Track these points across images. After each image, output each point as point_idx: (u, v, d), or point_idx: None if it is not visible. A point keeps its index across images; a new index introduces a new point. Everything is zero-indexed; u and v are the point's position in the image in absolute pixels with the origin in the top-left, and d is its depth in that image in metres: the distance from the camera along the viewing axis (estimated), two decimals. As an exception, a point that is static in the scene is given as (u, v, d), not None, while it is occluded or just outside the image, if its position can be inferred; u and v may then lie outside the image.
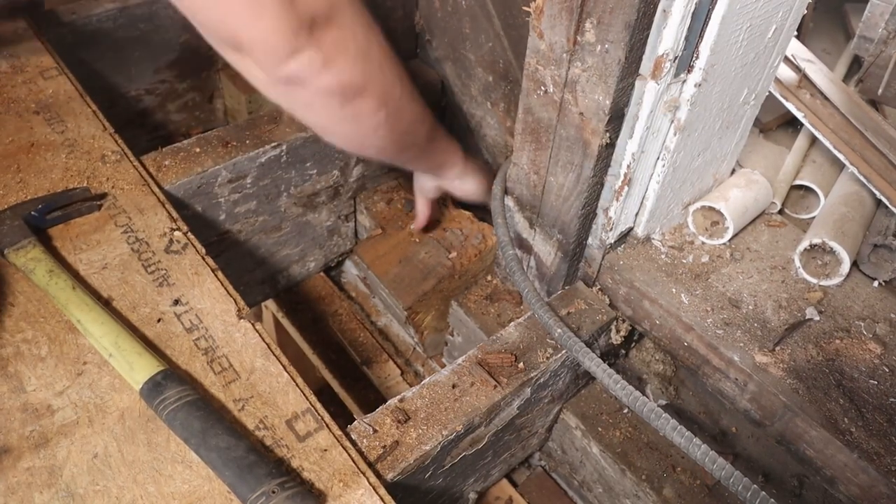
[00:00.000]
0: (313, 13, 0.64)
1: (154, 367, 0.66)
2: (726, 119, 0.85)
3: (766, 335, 0.82)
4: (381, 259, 1.18)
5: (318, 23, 0.65)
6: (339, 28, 0.67)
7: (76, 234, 0.80)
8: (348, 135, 0.77)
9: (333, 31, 0.66)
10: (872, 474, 0.70)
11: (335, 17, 0.66)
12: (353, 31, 0.69)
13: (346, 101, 0.71)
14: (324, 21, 0.65)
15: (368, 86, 0.72)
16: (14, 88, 0.97)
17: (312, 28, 0.64)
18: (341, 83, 0.69)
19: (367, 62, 0.71)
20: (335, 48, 0.67)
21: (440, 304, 1.17)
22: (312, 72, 0.67)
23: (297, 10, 0.63)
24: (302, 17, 0.63)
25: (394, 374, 1.21)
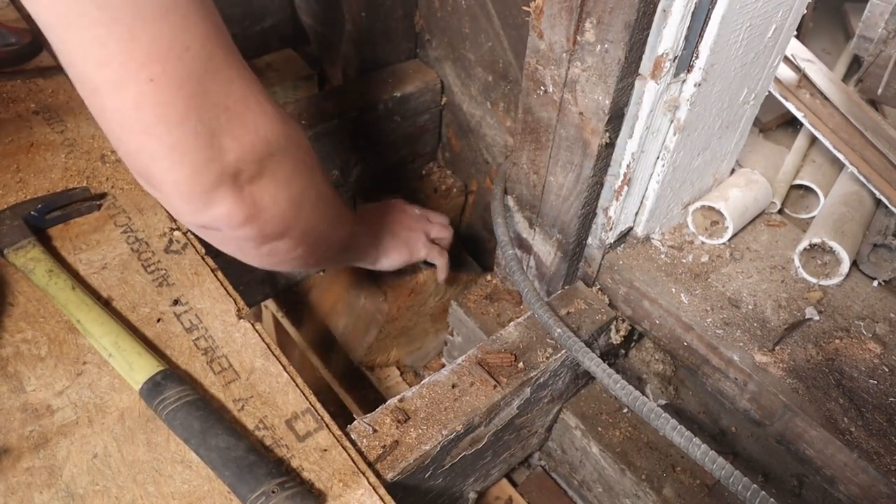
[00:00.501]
0: (240, 167, 0.56)
1: (154, 367, 0.66)
2: (726, 119, 0.85)
3: (765, 335, 0.82)
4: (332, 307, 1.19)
5: (246, 177, 0.57)
6: (272, 180, 0.60)
7: (76, 233, 0.80)
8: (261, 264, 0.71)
9: (262, 184, 0.59)
10: (872, 474, 0.71)
11: (268, 170, 0.59)
12: (287, 181, 0.62)
13: (263, 244, 0.65)
14: (254, 175, 0.58)
15: (289, 231, 0.66)
16: (14, 88, 0.97)
17: (236, 180, 0.57)
18: (262, 234, 0.63)
19: (297, 212, 0.65)
20: (260, 204, 0.60)
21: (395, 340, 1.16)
22: (230, 225, 0.60)
23: (222, 161, 0.55)
24: (227, 169, 0.55)
25: (393, 374, 1.21)
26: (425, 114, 1.23)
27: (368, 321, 1.12)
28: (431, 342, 1.23)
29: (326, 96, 1.12)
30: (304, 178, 0.64)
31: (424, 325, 1.19)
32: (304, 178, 0.64)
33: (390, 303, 1.09)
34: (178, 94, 0.50)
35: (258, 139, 0.57)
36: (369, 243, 0.93)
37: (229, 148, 0.55)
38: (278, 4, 1.32)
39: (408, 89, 1.16)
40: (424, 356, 1.24)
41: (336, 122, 1.10)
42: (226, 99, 0.54)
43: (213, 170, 0.54)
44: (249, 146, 0.56)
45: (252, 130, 0.56)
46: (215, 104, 0.53)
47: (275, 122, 0.59)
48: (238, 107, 0.55)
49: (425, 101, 1.20)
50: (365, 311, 1.12)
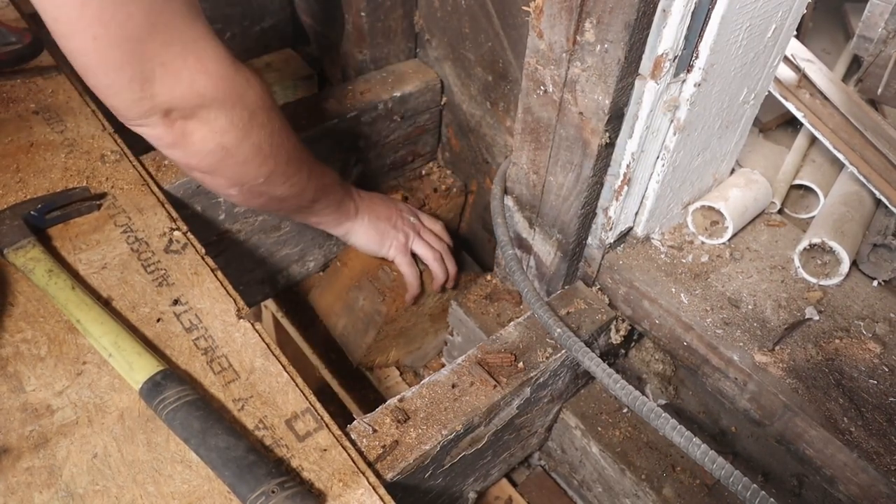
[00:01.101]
0: (171, 107, 0.67)
1: (153, 366, 0.66)
2: (726, 119, 0.85)
3: (765, 335, 0.82)
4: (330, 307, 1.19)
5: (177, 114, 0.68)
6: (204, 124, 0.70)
7: (76, 233, 0.80)
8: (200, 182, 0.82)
9: (192, 124, 0.70)
10: (872, 474, 0.71)
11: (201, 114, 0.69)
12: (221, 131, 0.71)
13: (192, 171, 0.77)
14: (185, 113, 0.69)
15: (219, 172, 0.75)
16: (13, 88, 0.97)
17: (167, 115, 0.68)
18: (186, 163, 0.74)
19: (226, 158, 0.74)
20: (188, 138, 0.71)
21: (394, 341, 1.16)
22: (158, 144, 0.72)
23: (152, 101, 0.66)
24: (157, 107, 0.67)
25: (393, 374, 1.21)
26: (425, 114, 1.23)
27: (367, 322, 1.12)
28: (431, 342, 1.23)
29: (326, 96, 1.12)
30: (239, 133, 0.73)
31: (424, 326, 1.19)
32: (239, 133, 0.73)
33: (388, 304, 1.08)
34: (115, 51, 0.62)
35: (190, 92, 0.67)
36: (341, 213, 0.99)
37: (160, 93, 0.66)
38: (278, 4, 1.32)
39: (408, 89, 1.16)
40: (424, 356, 1.24)
41: (336, 122, 1.10)
42: (162, 56, 0.64)
43: (143, 105, 0.66)
44: (180, 95, 0.67)
45: (186, 84, 0.67)
46: (150, 60, 0.64)
47: (214, 80, 0.68)
48: (175, 63, 0.65)
49: (425, 100, 1.20)
50: (364, 311, 1.12)
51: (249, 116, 0.73)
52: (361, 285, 1.12)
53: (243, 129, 0.73)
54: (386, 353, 1.17)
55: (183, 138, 0.70)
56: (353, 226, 1.01)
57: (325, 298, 1.21)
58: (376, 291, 1.10)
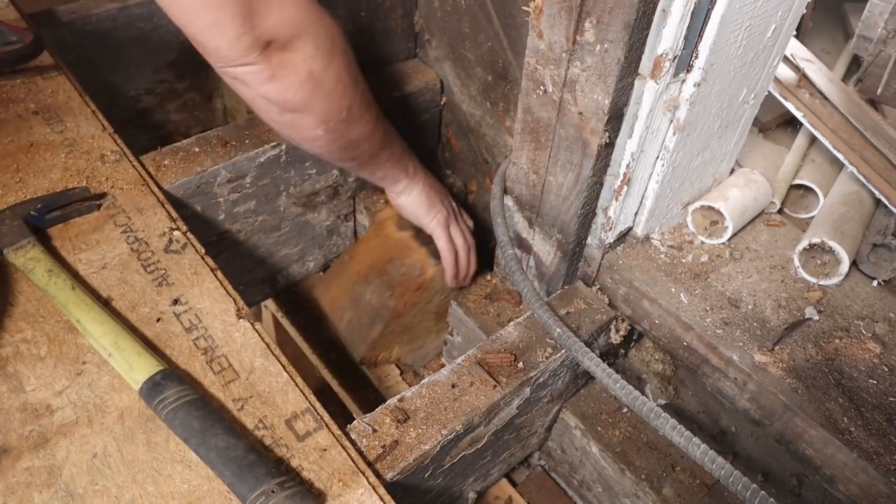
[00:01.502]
0: (272, 36, 0.70)
1: (153, 366, 0.66)
2: (725, 118, 0.85)
3: (765, 335, 0.82)
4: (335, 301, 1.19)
5: (274, 44, 0.71)
6: (295, 52, 0.73)
7: (75, 233, 0.80)
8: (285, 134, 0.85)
9: (288, 54, 0.73)
10: (872, 473, 0.71)
11: (293, 43, 0.72)
12: (309, 58, 0.74)
13: (285, 112, 0.78)
14: (281, 44, 0.72)
15: (310, 107, 0.78)
16: (13, 88, 0.97)
17: (267, 47, 0.71)
18: (282, 99, 0.76)
19: (315, 88, 0.76)
20: (284, 69, 0.73)
21: (399, 337, 1.16)
22: (257, 81, 0.74)
23: (255, 31, 0.69)
24: (259, 37, 0.69)
25: (393, 373, 1.21)
26: (425, 113, 1.23)
27: (373, 316, 1.12)
28: (433, 341, 1.23)
29: (326, 96, 1.12)
30: (324, 60, 0.76)
31: (428, 324, 1.18)
32: (324, 60, 0.76)
33: (397, 298, 1.08)
34: None
35: (283, 19, 0.71)
36: (402, 169, 1.00)
37: (259, 25, 0.69)
38: (278, 4, 1.32)
39: (408, 89, 1.16)
40: (425, 356, 1.24)
41: (336, 121, 1.09)
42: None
43: (245, 41, 0.69)
44: (275, 24, 0.70)
45: (278, 11, 0.70)
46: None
47: (302, 8, 0.72)
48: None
49: (425, 100, 1.20)
50: (371, 305, 1.12)
51: (331, 43, 0.77)
52: (370, 279, 1.12)
53: (328, 56, 0.76)
54: (389, 349, 1.17)
55: (279, 69, 0.73)
56: (410, 185, 1.02)
57: (330, 292, 1.20)
58: (385, 286, 1.10)
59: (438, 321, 1.18)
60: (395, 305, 1.08)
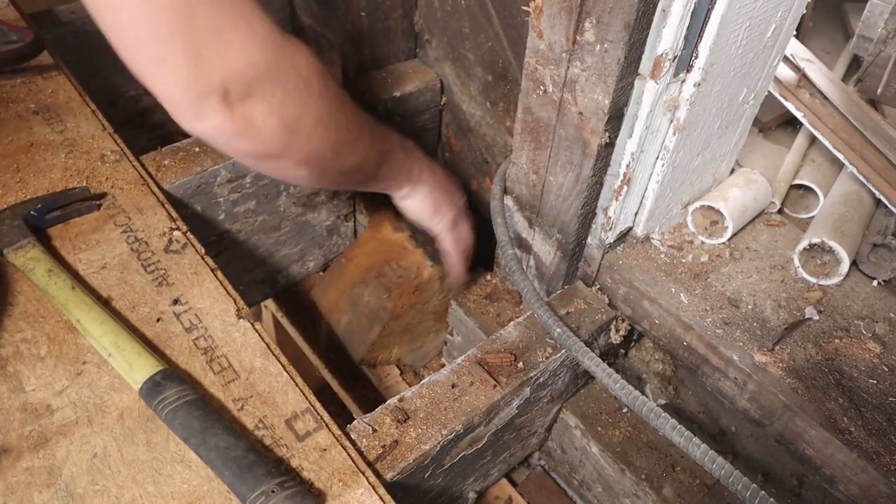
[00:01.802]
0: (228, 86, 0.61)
1: (153, 366, 0.66)
2: (725, 118, 0.85)
3: (765, 335, 0.82)
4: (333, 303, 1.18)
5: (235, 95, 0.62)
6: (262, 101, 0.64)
7: (75, 233, 0.80)
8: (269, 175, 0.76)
9: (252, 104, 0.64)
10: (872, 473, 0.71)
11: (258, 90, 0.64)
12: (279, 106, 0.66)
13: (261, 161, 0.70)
14: (243, 95, 0.63)
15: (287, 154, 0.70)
16: (13, 88, 0.97)
17: (226, 97, 0.62)
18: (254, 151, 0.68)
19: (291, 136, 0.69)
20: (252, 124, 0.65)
21: (397, 338, 1.16)
22: (222, 137, 0.66)
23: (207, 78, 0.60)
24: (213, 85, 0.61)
25: (393, 373, 1.21)
26: (425, 113, 1.23)
27: (372, 318, 1.12)
28: (433, 341, 1.23)
29: (326, 96, 1.12)
30: (299, 105, 0.67)
31: (427, 324, 1.18)
32: (299, 105, 0.67)
33: (395, 300, 1.08)
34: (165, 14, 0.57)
35: (244, 62, 0.61)
36: (404, 176, 0.94)
37: (215, 67, 0.60)
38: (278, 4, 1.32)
39: (407, 89, 1.16)
40: (425, 356, 1.24)
41: (336, 121, 1.09)
42: (213, 22, 0.59)
43: (199, 84, 0.60)
44: (235, 68, 0.61)
45: (239, 52, 0.61)
46: (202, 26, 0.58)
47: (266, 47, 0.63)
48: (226, 31, 0.60)
49: (425, 100, 1.20)
50: (369, 307, 1.12)
51: (305, 85, 0.68)
52: (367, 281, 1.12)
53: (302, 100, 0.68)
54: (388, 350, 1.17)
55: (246, 123, 0.65)
56: (413, 190, 0.97)
57: (328, 294, 1.20)
58: (382, 287, 1.10)
59: (437, 321, 1.18)
60: (393, 307, 1.08)
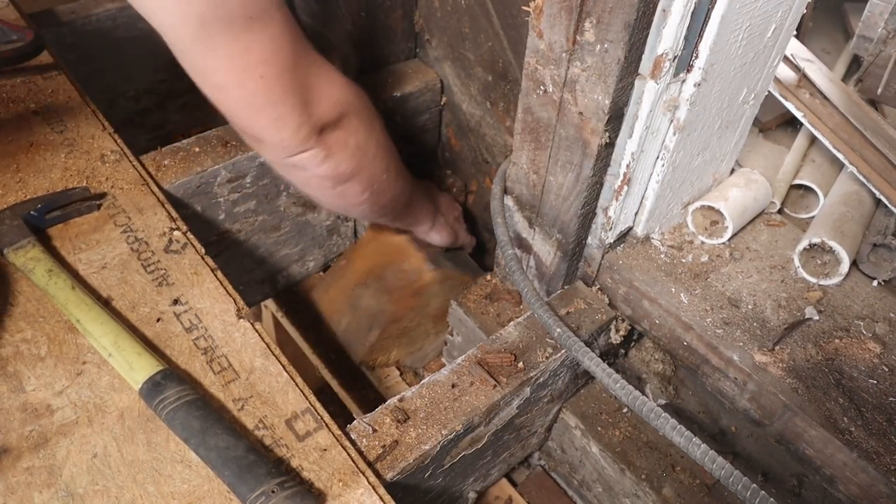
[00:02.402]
0: (325, 121, 0.77)
1: (153, 366, 0.66)
2: (726, 118, 0.85)
3: (765, 335, 0.82)
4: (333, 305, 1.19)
5: (327, 129, 0.78)
6: (343, 130, 0.80)
7: (75, 233, 0.80)
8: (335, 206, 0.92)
9: (338, 132, 0.79)
10: (872, 473, 0.71)
11: (342, 122, 0.79)
12: (355, 131, 0.82)
13: (337, 184, 0.84)
14: (332, 125, 0.78)
15: (358, 174, 0.84)
16: (13, 88, 0.97)
17: (321, 132, 0.77)
18: (336, 173, 0.82)
19: (362, 156, 0.84)
20: (336, 147, 0.80)
21: (396, 341, 1.16)
22: (314, 164, 0.80)
23: (312, 119, 0.75)
24: (315, 125, 0.76)
25: (393, 374, 1.21)
26: (425, 113, 1.23)
27: (371, 321, 1.12)
28: (432, 343, 1.23)
29: (326, 96, 1.12)
30: (366, 130, 0.84)
31: (426, 327, 1.18)
32: (366, 130, 0.84)
33: (395, 303, 1.08)
34: (278, 82, 0.71)
35: (334, 102, 0.78)
36: (427, 210, 1.09)
37: (314, 112, 0.76)
38: (278, 4, 1.32)
39: (408, 89, 1.16)
40: (424, 357, 1.24)
41: (336, 121, 1.09)
42: (308, 79, 0.74)
43: (304, 129, 0.76)
44: (328, 109, 0.77)
45: (328, 97, 0.77)
46: (303, 84, 0.74)
47: (343, 89, 0.79)
48: (318, 82, 0.76)
49: (425, 100, 1.20)
50: (368, 310, 1.12)
51: (367, 113, 0.84)
52: (367, 283, 1.12)
53: (369, 125, 0.84)
54: (388, 352, 1.17)
55: (332, 148, 0.79)
56: (434, 226, 1.10)
57: (328, 295, 1.20)
58: (382, 290, 1.10)
59: (436, 324, 1.18)
60: (393, 310, 1.08)
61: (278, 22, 0.69)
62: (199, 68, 0.71)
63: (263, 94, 0.71)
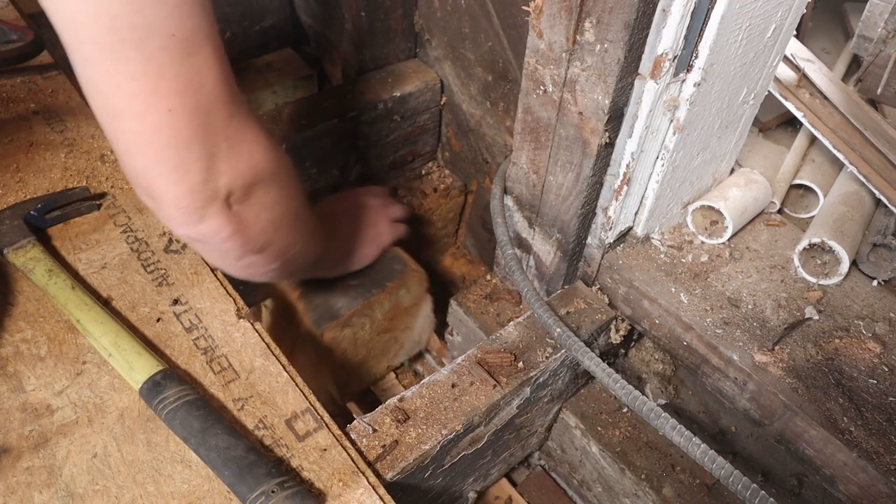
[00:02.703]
0: (232, 189, 0.64)
1: (153, 366, 0.66)
2: (725, 118, 0.85)
3: (765, 334, 0.82)
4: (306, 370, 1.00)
5: (235, 198, 0.65)
6: (256, 203, 0.67)
7: (75, 233, 0.80)
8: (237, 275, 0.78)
9: (249, 205, 0.67)
10: (872, 473, 0.71)
11: (255, 191, 0.66)
12: (268, 205, 0.69)
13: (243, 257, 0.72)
14: (242, 197, 0.65)
15: (267, 248, 0.72)
16: (13, 88, 0.97)
17: (227, 200, 0.64)
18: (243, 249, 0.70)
19: (276, 231, 0.72)
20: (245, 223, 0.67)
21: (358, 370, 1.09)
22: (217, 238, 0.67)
23: (216, 183, 0.62)
24: (220, 190, 0.63)
25: (389, 375, 1.21)
26: (425, 113, 1.23)
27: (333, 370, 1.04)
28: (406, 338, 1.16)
29: (326, 96, 1.12)
30: (285, 203, 0.71)
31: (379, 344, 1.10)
32: (285, 203, 0.71)
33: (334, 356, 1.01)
34: (189, 123, 0.58)
35: (250, 166, 0.64)
36: (340, 256, 0.96)
37: (224, 172, 0.62)
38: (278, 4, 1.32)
39: (407, 89, 1.16)
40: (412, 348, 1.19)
41: (336, 121, 1.10)
42: (226, 129, 0.61)
43: (207, 190, 0.62)
44: (241, 172, 0.63)
45: (246, 158, 0.64)
46: (217, 133, 0.61)
47: (267, 151, 0.66)
48: (236, 136, 0.62)
49: (425, 100, 1.20)
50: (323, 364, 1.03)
51: (287, 183, 0.71)
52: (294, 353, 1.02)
53: (286, 198, 0.71)
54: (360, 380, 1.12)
55: (240, 225, 0.66)
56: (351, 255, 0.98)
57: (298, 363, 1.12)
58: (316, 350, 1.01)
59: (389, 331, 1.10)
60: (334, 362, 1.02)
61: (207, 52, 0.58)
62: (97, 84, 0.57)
63: (167, 133, 0.58)
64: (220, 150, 0.61)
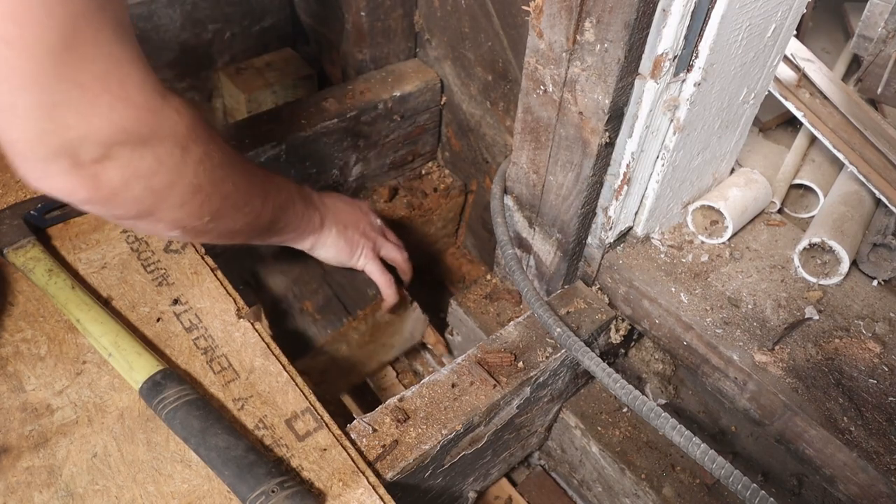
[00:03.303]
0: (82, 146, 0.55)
1: (153, 366, 0.66)
2: (725, 118, 0.85)
3: (765, 334, 0.82)
4: None
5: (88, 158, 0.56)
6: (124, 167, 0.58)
7: (75, 233, 0.80)
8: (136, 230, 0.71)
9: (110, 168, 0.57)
10: (872, 473, 0.71)
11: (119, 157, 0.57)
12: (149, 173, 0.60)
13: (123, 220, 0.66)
14: (99, 157, 0.56)
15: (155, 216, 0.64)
16: (13, 88, 0.97)
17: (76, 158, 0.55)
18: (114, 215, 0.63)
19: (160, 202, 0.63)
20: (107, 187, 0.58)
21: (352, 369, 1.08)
22: (72, 199, 0.58)
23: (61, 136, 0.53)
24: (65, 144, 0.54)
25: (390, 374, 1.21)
26: (425, 113, 1.23)
27: None
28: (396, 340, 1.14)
29: (326, 96, 1.12)
30: (173, 174, 0.62)
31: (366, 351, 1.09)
32: (173, 174, 0.62)
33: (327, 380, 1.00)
34: (27, 60, 0.49)
35: (109, 124, 0.55)
36: (306, 229, 0.88)
37: (72, 125, 0.53)
38: (278, 4, 1.32)
39: (407, 89, 1.16)
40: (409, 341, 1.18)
41: (336, 121, 1.10)
42: (80, 76, 0.52)
43: (49, 141, 0.53)
44: (97, 128, 0.54)
45: (103, 113, 0.54)
46: (67, 78, 0.51)
47: (138, 112, 0.56)
48: (94, 87, 0.53)
49: (425, 100, 1.20)
50: None
51: (182, 153, 0.62)
52: None
53: (176, 169, 0.62)
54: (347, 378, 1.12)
55: (98, 189, 0.57)
56: (319, 239, 0.91)
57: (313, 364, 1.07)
58: None
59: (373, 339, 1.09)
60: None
61: None
62: None
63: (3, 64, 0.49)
64: (68, 98, 0.52)
